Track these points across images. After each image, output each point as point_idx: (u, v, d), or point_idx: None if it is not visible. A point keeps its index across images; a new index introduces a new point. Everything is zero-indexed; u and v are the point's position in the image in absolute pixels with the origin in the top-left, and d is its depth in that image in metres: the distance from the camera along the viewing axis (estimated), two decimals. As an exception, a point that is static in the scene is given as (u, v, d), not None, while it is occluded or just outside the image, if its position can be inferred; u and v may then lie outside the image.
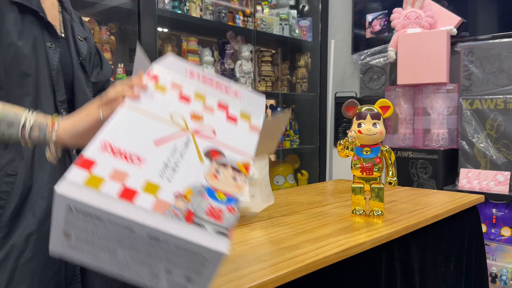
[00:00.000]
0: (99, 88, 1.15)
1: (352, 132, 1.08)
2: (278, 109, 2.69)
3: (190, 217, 0.53)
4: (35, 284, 0.88)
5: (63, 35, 1.03)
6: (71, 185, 0.51)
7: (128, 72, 1.92)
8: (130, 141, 0.60)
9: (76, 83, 1.01)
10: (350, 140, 1.09)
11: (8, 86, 0.89)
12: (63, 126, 0.74)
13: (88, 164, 0.54)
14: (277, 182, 2.68)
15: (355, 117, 1.11)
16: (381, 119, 1.09)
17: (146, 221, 0.51)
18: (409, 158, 2.19)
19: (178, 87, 0.74)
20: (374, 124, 1.08)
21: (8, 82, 0.89)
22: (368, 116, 1.08)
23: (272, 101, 2.79)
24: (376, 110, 1.10)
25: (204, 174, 0.60)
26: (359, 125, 1.09)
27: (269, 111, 2.72)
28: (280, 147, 2.65)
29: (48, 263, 0.90)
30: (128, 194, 0.53)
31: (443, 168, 2.12)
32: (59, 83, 0.96)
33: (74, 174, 0.52)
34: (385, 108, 1.11)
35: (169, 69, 0.77)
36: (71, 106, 1.00)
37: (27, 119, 0.73)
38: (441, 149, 2.12)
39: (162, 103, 0.69)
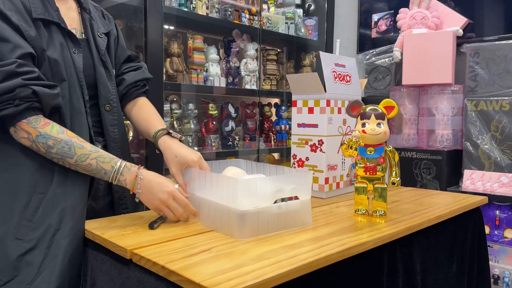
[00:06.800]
0: (117, 73, 1.24)
1: (356, 132, 1.08)
2: (283, 107, 2.69)
3: None
4: (66, 260, 0.96)
5: (83, 35, 1.13)
6: None
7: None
8: None
9: (98, 78, 1.12)
10: (354, 140, 1.09)
11: None
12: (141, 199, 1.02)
13: None
14: (281, 180, 2.68)
15: (359, 116, 1.11)
16: (386, 119, 1.09)
17: None
18: (413, 158, 2.18)
19: None
20: (378, 124, 1.08)
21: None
22: (373, 116, 1.08)
23: (276, 100, 2.79)
24: (380, 110, 1.10)
25: None
26: (363, 124, 1.09)
27: (273, 109, 2.72)
28: (284, 145, 2.65)
29: (75, 242, 0.98)
30: None
31: (447, 169, 2.11)
32: (84, 84, 1.07)
33: None
34: (389, 108, 1.11)
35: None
36: (95, 100, 1.11)
37: (113, 179, 1.00)
38: (445, 150, 2.11)
39: None
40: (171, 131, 1.14)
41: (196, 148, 2.22)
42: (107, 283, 0.91)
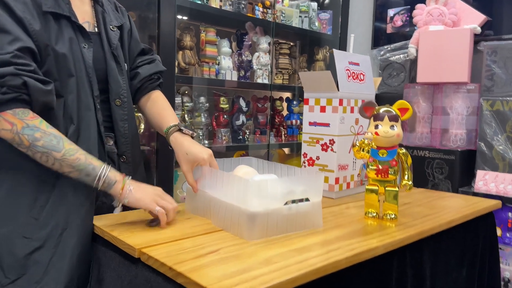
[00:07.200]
0: (131, 67, 1.22)
1: (368, 134, 1.07)
2: (294, 102, 2.67)
3: None
4: (74, 259, 0.96)
5: (96, 29, 1.11)
6: None
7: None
8: None
9: (109, 72, 1.11)
10: (366, 142, 1.07)
11: (60, 83, 0.99)
12: (131, 199, 0.97)
13: None
14: (290, 175, 2.67)
15: (372, 118, 1.09)
16: (399, 121, 1.07)
17: None
18: (425, 157, 2.16)
19: None
20: (392, 126, 1.06)
21: (59, 79, 0.99)
22: (386, 118, 1.06)
23: (288, 94, 2.77)
24: (394, 112, 1.08)
25: None
26: (376, 126, 1.07)
27: (284, 104, 2.70)
28: (294, 140, 2.64)
29: (83, 241, 0.98)
30: None
31: (460, 169, 2.08)
32: (94, 79, 1.05)
33: None
34: (403, 110, 1.09)
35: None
36: (106, 94, 1.10)
37: (101, 175, 0.95)
38: (459, 149, 2.08)
39: None
40: (182, 127, 1.13)
41: (206, 142, 2.22)
42: (115, 280, 0.91)
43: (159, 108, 1.20)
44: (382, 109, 1.08)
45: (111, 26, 1.13)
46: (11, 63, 0.88)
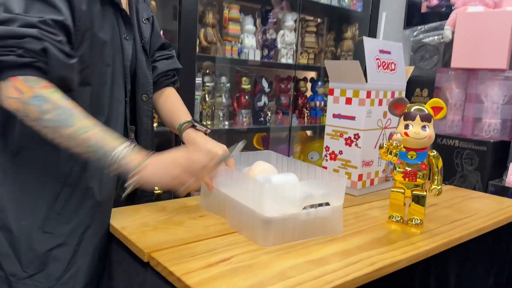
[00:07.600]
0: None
1: (397, 135, 0.99)
2: (319, 83, 2.58)
3: None
4: (95, 259, 0.94)
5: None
6: None
7: (167, 37, 1.86)
8: None
9: (138, 66, 1.05)
10: (394, 144, 0.99)
11: (92, 71, 0.92)
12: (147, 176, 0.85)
13: None
14: (311, 158, 2.61)
15: (402, 116, 1.01)
16: (432, 121, 0.99)
17: None
18: (455, 147, 2.05)
19: None
20: (423, 127, 0.98)
21: (92, 67, 0.92)
22: (418, 118, 0.98)
23: (312, 74, 2.67)
24: (427, 111, 0.99)
25: None
26: (406, 126, 0.99)
27: (309, 84, 2.61)
28: (317, 122, 2.56)
29: (104, 239, 0.95)
30: None
31: (491, 160, 1.97)
32: (128, 72, 1.00)
33: None
34: (437, 109, 1.01)
35: None
36: (132, 87, 1.04)
37: (113, 162, 0.82)
38: (491, 140, 1.97)
39: None
40: (196, 124, 1.08)
41: (227, 123, 2.17)
42: (125, 280, 0.89)
43: (172, 104, 1.15)
44: (414, 107, 1.00)
45: (143, 19, 1.08)
46: (36, 27, 0.79)
